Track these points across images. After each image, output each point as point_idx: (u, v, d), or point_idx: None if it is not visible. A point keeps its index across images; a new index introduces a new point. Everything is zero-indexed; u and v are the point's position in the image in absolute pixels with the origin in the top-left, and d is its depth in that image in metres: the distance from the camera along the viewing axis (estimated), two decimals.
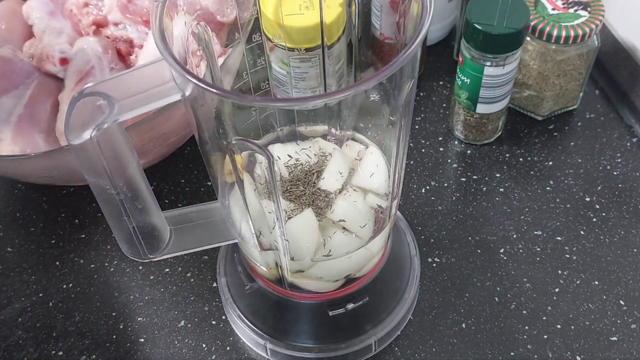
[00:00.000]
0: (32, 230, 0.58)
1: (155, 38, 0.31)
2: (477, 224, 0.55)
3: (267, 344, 0.47)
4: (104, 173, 0.34)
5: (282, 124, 0.46)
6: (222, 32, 0.47)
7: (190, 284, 0.53)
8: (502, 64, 0.53)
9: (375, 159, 0.43)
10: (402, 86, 0.36)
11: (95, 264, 0.55)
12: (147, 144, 0.50)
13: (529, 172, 0.59)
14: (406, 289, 0.49)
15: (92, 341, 0.51)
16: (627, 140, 0.60)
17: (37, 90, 0.57)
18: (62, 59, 0.57)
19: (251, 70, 0.44)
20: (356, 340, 0.47)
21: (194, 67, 0.38)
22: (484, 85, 0.55)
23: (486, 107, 0.57)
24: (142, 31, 0.60)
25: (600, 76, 0.65)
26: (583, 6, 0.56)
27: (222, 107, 0.34)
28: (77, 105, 0.31)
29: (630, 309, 0.50)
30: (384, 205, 0.43)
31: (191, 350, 0.50)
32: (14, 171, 0.53)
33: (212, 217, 0.42)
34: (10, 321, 0.52)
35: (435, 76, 0.66)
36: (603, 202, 0.56)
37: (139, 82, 0.32)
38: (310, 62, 0.51)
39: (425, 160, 0.60)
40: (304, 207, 0.41)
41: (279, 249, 0.41)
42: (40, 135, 0.56)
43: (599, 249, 0.53)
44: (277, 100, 0.49)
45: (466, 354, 0.48)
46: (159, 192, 0.59)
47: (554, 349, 0.48)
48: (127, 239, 0.39)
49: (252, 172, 0.43)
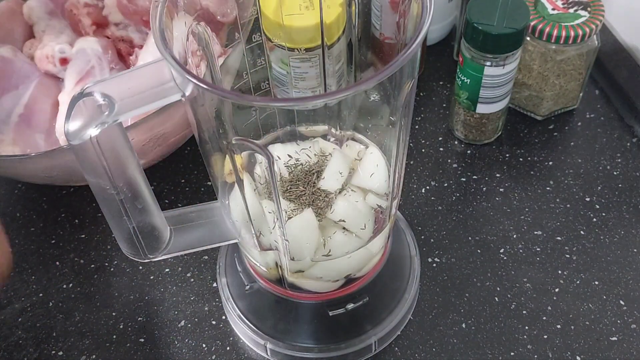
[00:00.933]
0: (32, 230, 0.58)
1: (155, 38, 0.31)
2: (477, 224, 0.55)
3: (267, 344, 0.47)
4: (104, 173, 0.34)
5: (282, 124, 0.46)
6: (222, 32, 0.47)
7: (190, 284, 0.53)
8: (502, 64, 0.53)
9: (375, 159, 0.43)
10: (402, 86, 0.36)
11: (95, 264, 0.55)
12: (147, 144, 0.50)
13: (529, 172, 0.59)
14: (406, 289, 0.49)
15: (92, 341, 0.51)
16: (627, 140, 0.60)
17: (37, 90, 0.57)
18: (62, 59, 0.58)
19: (251, 70, 0.44)
20: (356, 340, 0.47)
21: (194, 67, 0.38)
22: (484, 85, 0.55)
23: (486, 107, 0.57)
24: (142, 31, 0.60)
25: (600, 76, 0.65)
26: (583, 6, 0.56)
27: (222, 107, 0.34)
28: (77, 105, 0.31)
29: (630, 309, 0.50)
30: (384, 205, 0.43)
31: (191, 350, 0.50)
32: (14, 171, 0.53)
33: (212, 217, 0.42)
34: (10, 321, 0.52)
35: (435, 76, 0.66)
36: (603, 202, 0.56)
37: (139, 82, 0.32)
38: (310, 62, 0.51)
39: (425, 160, 0.60)
40: (304, 207, 0.41)
41: (279, 249, 0.41)
42: (40, 135, 0.56)
43: (599, 249, 0.53)
44: (277, 100, 0.49)
45: (466, 354, 0.48)
46: (159, 192, 0.59)
47: (554, 349, 0.48)
48: (127, 239, 0.39)
49: (252, 172, 0.43)
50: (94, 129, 0.31)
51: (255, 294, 0.48)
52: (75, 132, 0.31)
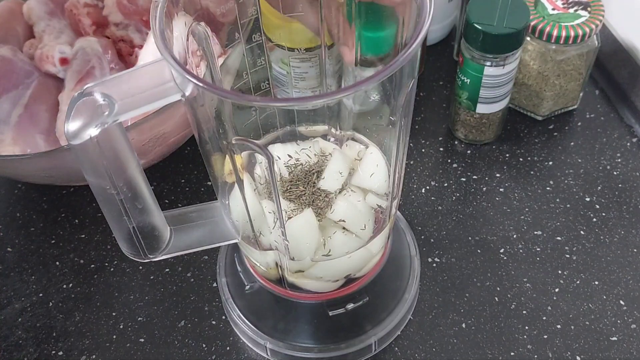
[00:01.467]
0: (32, 230, 0.58)
1: (155, 38, 0.31)
2: (477, 224, 0.55)
3: (267, 344, 0.47)
4: (104, 173, 0.34)
5: (282, 124, 0.46)
6: (222, 32, 0.47)
7: (190, 284, 0.53)
8: (502, 64, 0.53)
9: (375, 159, 0.43)
10: (402, 86, 0.36)
11: (95, 264, 0.55)
12: (147, 144, 0.50)
13: (529, 172, 0.59)
14: (406, 289, 0.49)
15: (92, 341, 0.51)
16: (627, 140, 0.60)
17: (37, 90, 0.57)
18: (62, 59, 0.58)
19: (251, 70, 0.44)
20: (356, 340, 0.47)
21: (194, 67, 0.38)
22: (484, 85, 0.55)
23: (486, 107, 0.57)
24: (142, 31, 0.60)
25: (600, 76, 0.65)
26: (583, 6, 0.56)
27: (222, 107, 0.34)
28: (77, 105, 0.31)
29: (630, 309, 0.50)
30: (384, 205, 0.43)
31: (191, 350, 0.50)
32: (14, 171, 0.53)
33: (212, 217, 0.42)
34: (10, 321, 0.52)
35: (435, 76, 0.66)
36: (603, 202, 0.56)
37: (139, 82, 0.32)
38: (310, 62, 0.51)
39: (425, 160, 0.60)
40: (304, 207, 0.41)
41: (279, 249, 0.41)
42: (40, 136, 0.56)
43: (599, 249, 0.53)
44: (277, 100, 0.49)
45: (466, 354, 0.48)
46: (159, 192, 0.59)
47: (554, 349, 0.48)
48: (127, 239, 0.39)
49: (252, 172, 0.43)
50: (94, 129, 0.31)
51: (255, 294, 0.48)
52: (75, 132, 0.31)
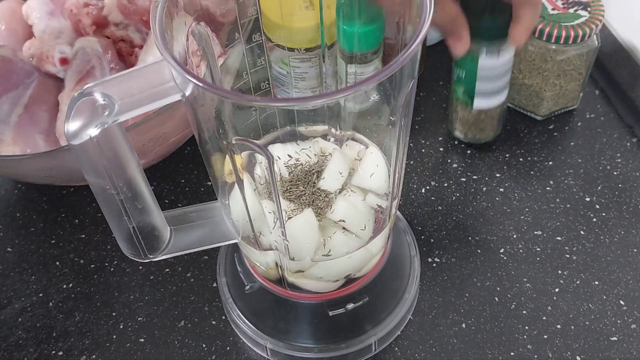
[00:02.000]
0: (32, 230, 0.58)
1: (155, 38, 0.31)
2: (477, 224, 0.55)
3: (267, 344, 0.47)
4: (104, 173, 0.34)
5: (282, 124, 0.46)
6: (222, 32, 0.47)
7: (190, 284, 0.53)
8: (497, 53, 0.52)
9: (375, 159, 0.43)
10: (402, 86, 0.36)
11: (95, 264, 0.55)
12: (147, 144, 0.51)
13: (529, 172, 0.59)
14: (406, 289, 0.49)
15: (92, 341, 0.51)
16: (627, 140, 0.60)
17: (37, 90, 0.57)
18: (62, 59, 0.58)
19: (251, 70, 0.44)
20: (356, 340, 0.47)
21: (194, 67, 0.38)
22: (480, 78, 0.54)
23: (484, 102, 0.56)
24: (142, 31, 0.60)
25: (600, 76, 0.65)
26: (583, 6, 0.56)
27: (222, 107, 0.34)
28: (77, 105, 0.31)
29: (630, 309, 0.50)
30: (384, 205, 0.43)
31: (191, 350, 0.50)
32: (14, 171, 0.53)
33: (212, 217, 0.42)
34: (10, 321, 0.52)
35: (435, 76, 0.66)
36: (603, 202, 0.56)
37: (139, 82, 0.32)
38: (310, 62, 0.51)
39: (425, 160, 0.60)
40: (304, 207, 0.41)
41: (279, 249, 0.41)
42: (40, 136, 0.56)
43: (599, 249, 0.53)
44: (277, 100, 0.49)
45: (466, 354, 0.48)
46: (159, 192, 0.59)
47: (554, 349, 0.48)
48: (127, 239, 0.39)
49: (252, 172, 0.43)
50: (94, 129, 0.31)
51: (255, 294, 0.48)
52: (75, 132, 0.31)
